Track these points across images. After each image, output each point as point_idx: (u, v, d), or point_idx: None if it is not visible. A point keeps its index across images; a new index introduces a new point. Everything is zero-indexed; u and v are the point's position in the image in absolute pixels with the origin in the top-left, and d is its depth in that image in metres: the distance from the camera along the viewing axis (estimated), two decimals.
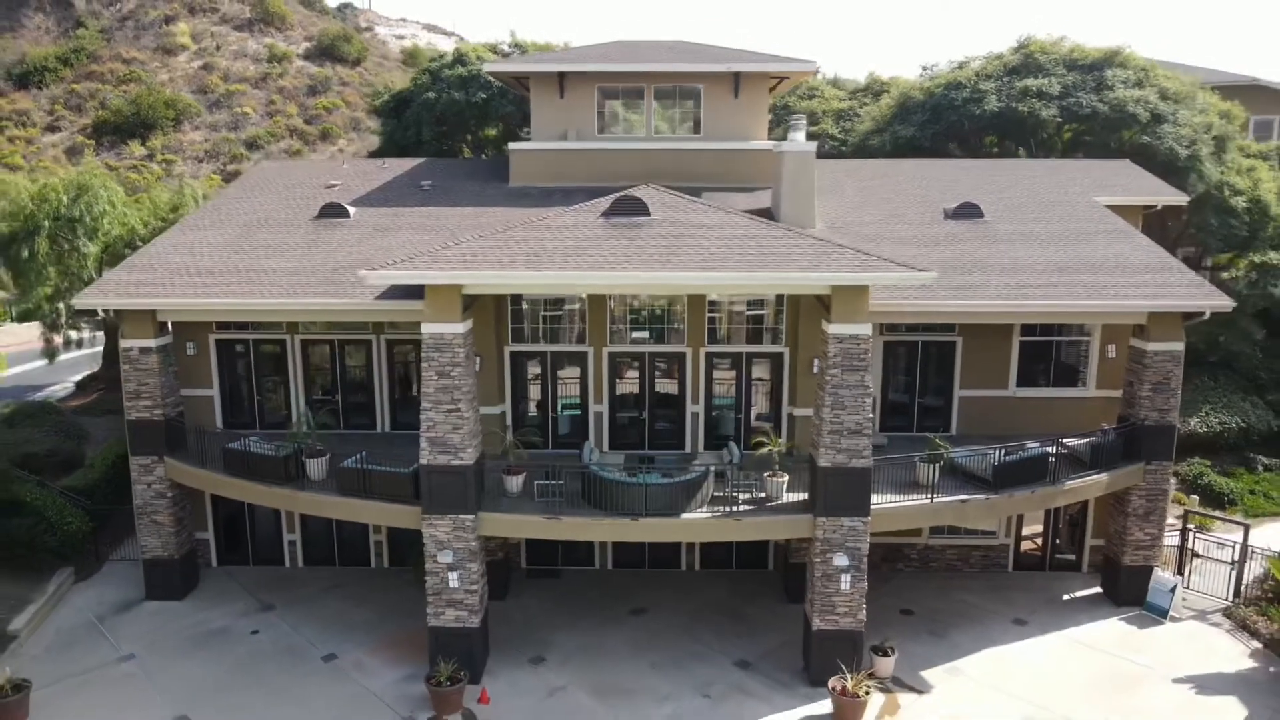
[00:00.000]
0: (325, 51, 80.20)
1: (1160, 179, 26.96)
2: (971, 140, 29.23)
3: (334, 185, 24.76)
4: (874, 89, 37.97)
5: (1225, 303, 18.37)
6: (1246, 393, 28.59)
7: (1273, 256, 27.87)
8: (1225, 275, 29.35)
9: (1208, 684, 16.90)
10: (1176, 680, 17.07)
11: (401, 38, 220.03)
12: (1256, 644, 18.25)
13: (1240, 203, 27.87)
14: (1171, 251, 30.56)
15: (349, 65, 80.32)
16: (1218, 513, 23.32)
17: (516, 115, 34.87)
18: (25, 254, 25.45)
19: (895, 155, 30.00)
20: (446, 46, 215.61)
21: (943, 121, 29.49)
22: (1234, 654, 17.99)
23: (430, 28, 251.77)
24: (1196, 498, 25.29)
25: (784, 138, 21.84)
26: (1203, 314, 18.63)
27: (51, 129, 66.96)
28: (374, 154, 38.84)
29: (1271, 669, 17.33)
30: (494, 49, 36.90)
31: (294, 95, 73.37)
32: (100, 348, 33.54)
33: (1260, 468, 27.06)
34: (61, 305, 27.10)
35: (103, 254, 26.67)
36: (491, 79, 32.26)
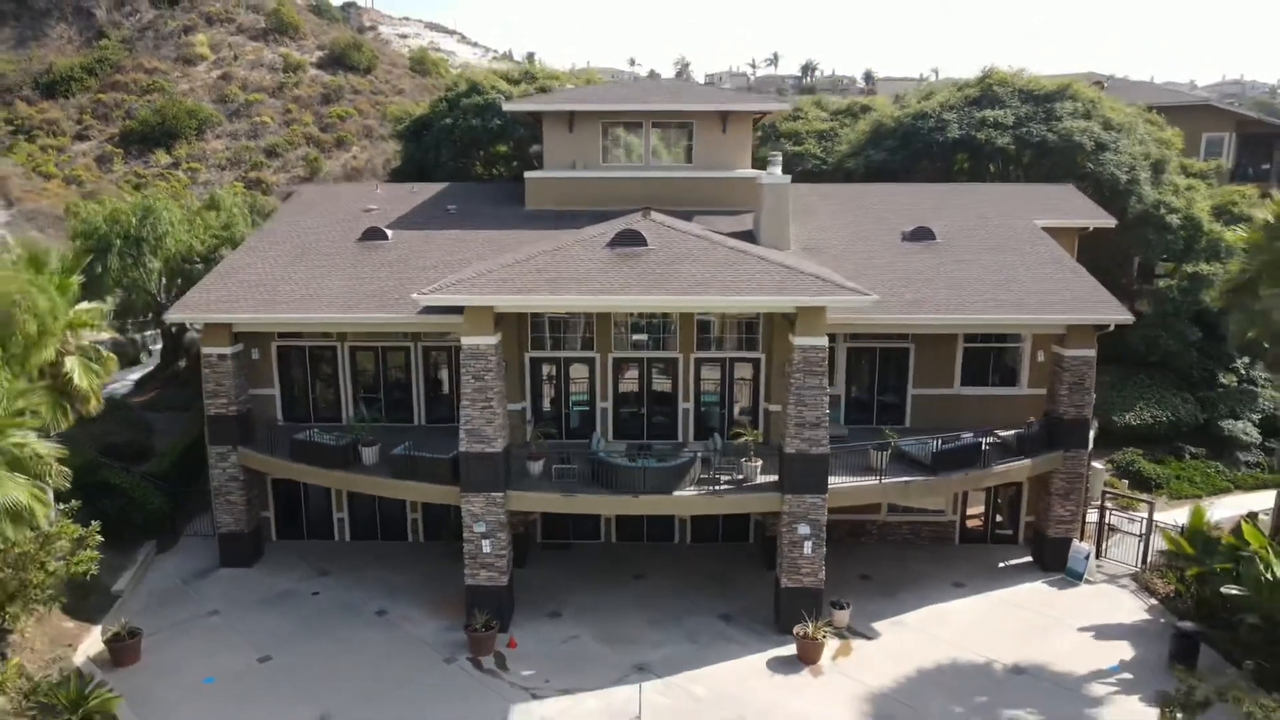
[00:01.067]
0: (337, 60, 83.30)
1: (1103, 201, 30.64)
2: (938, 162, 32.73)
3: (371, 209, 28.28)
4: (854, 110, 41.38)
5: (1126, 317, 21.99)
6: (1179, 389, 32.12)
7: (1203, 268, 31.44)
8: (1161, 283, 32.87)
9: (1106, 632, 20.53)
10: (1081, 629, 20.72)
11: (405, 37, 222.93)
12: (1154, 601, 21.88)
13: (1175, 220, 31.39)
14: (1127, 261, 34.21)
15: (360, 73, 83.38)
16: (1133, 493, 26.98)
17: (527, 136, 38.32)
18: (99, 269, 28.97)
19: (869, 176, 33.55)
20: (449, 46, 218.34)
21: (911, 147, 33.04)
22: (1133, 609, 21.64)
23: (432, 26, 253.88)
24: (1126, 482, 28.95)
25: (764, 167, 25.43)
26: (1108, 326, 22.22)
27: (81, 137, 70.29)
28: (395, 171, 42.24)
29: (1161, 620, 20.94)
30: (506, 77, 40.26)
31: (309, 104, 76.59)
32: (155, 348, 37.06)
33: (1187, 456, 30.69)
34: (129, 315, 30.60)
35: (164, 269, 30.21)
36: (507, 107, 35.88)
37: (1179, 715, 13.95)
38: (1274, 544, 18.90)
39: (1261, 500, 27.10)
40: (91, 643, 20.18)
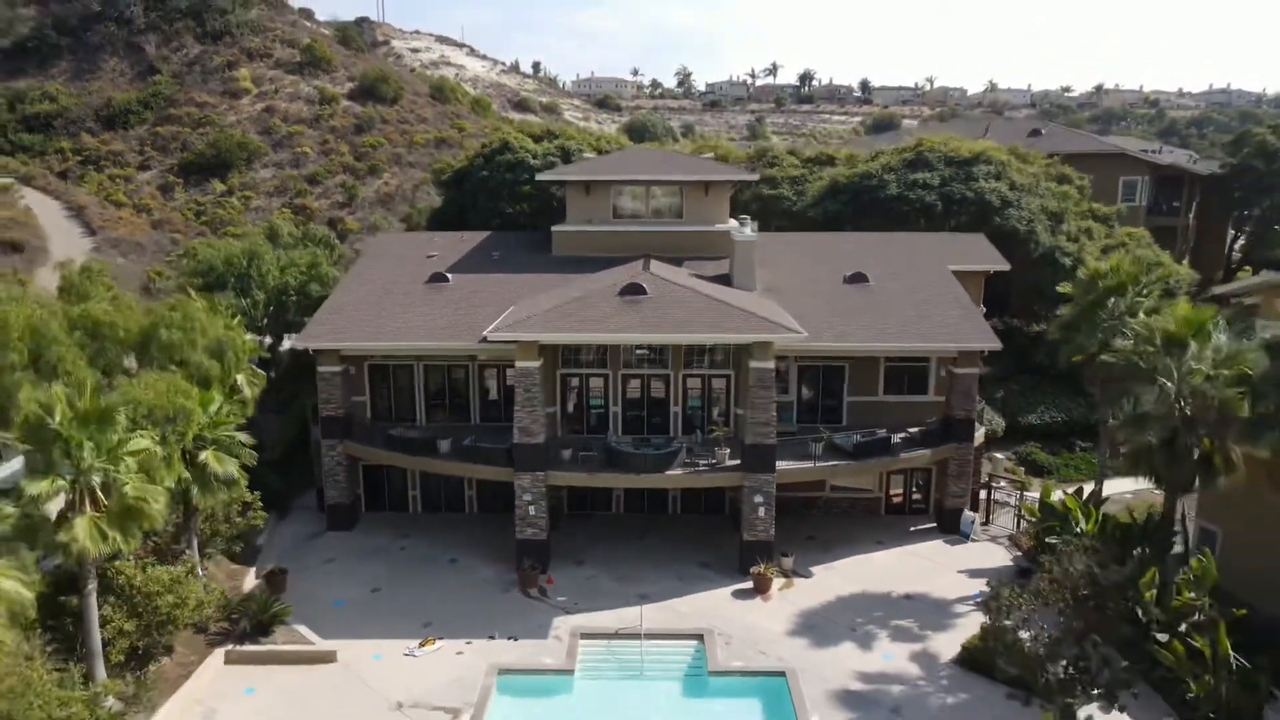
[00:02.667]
0: (367, 92, 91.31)
1: (1011, 246, 38.61)
2: (880, 214, 40.67)
3: (432, 256, 36.29)
4: (821, 160, 49.29)
5: (995, 345, 30.02)
6: (1075, 395, 40.04)
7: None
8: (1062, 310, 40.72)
9: (978, 573, 28.45)
10: (959, 571, 28.72)
11: (416, 51, 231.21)
12: (1018, 553, 29.84)
13: (1067, 261, 39.31)
14: (1038, 291, 41.93)
15: (388, 104, 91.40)
16: (1023, 477, 34.98)
17: (548, 184, 46.26)
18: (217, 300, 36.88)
19: (826, 224, 41.56)
20: (459, 59, 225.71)
21: (859, 201, 41.04)
22: (1002, 558, 29.63)
23: (442, 40, 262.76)
24: (1023, 469, 36.94)
25: (741, 222, 33.40)
26: (983, 351, 30.26)
27: (143, 167, 78.39)
28: (438, 212, 50.00)
29: (1021, 567, 28.87)
30: (535, 138, 47.97)
31: (343, 134, 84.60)
32: None
33: (1077, 449, 38.63)
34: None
35: (267, 300, 38.18)
36: (533, 162, 44.01)
37: (990, 610, 21.87)
38: (1088, 508, 26.85)
39: (1125, 483, 35.06)
40: (249, 580, 28.23)
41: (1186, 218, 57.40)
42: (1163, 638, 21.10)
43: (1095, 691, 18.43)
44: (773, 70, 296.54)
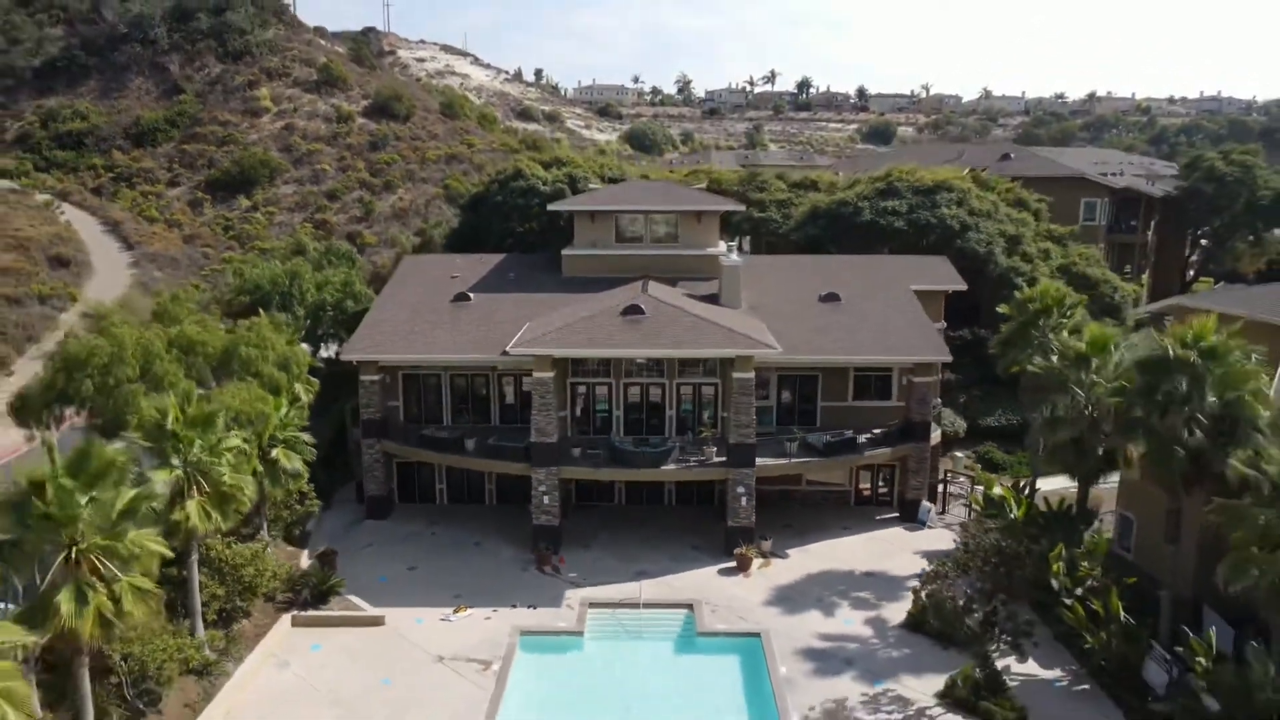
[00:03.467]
0: (381, 110, 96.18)
1: (972, 267, 43.23)
2: (854, 237, 45.32)
3: (455, 276, 40.91)
4: (805, 184, 53.93)
5: (946, 358, 34.63)
6: None
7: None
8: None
9: (930, 555, 32.97)
10: (914, 553, 33.33)
11: (422, 60, 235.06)
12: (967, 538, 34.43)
13: (1022, 280, 43.89)
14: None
15: (400, 121, 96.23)
16: (981, 473, 39.55)
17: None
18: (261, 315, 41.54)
19: (807, 246, 46.23)
20: (464, 68, 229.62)
21: (836, 226, 45.70)
22: (950, 543, 34.19)
23: (447, 49, 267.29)
24: (980, 465, 41.54)
25: (729, 248, 38.07)
26: (936, 362, 34.92)
27: (172, 184, 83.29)
28: (454, 231, 54.65)
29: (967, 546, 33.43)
30: (544, 164, 52.62)
31: (359, 151, 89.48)
32: None
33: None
34: None
35: (305, 315, 42.83)
36: (542, 189, 48.73)
37: (923, 579, 26.55)
38: (1020, 498, 31.45)
39: (1064, 480, 39.60)
40: (304, 560, 32.84)
41: (1145, 234, 62.08)
42: (1069, 602, 25.70)
43: (1003, 639, 23.07)
44: (771, 78, 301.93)
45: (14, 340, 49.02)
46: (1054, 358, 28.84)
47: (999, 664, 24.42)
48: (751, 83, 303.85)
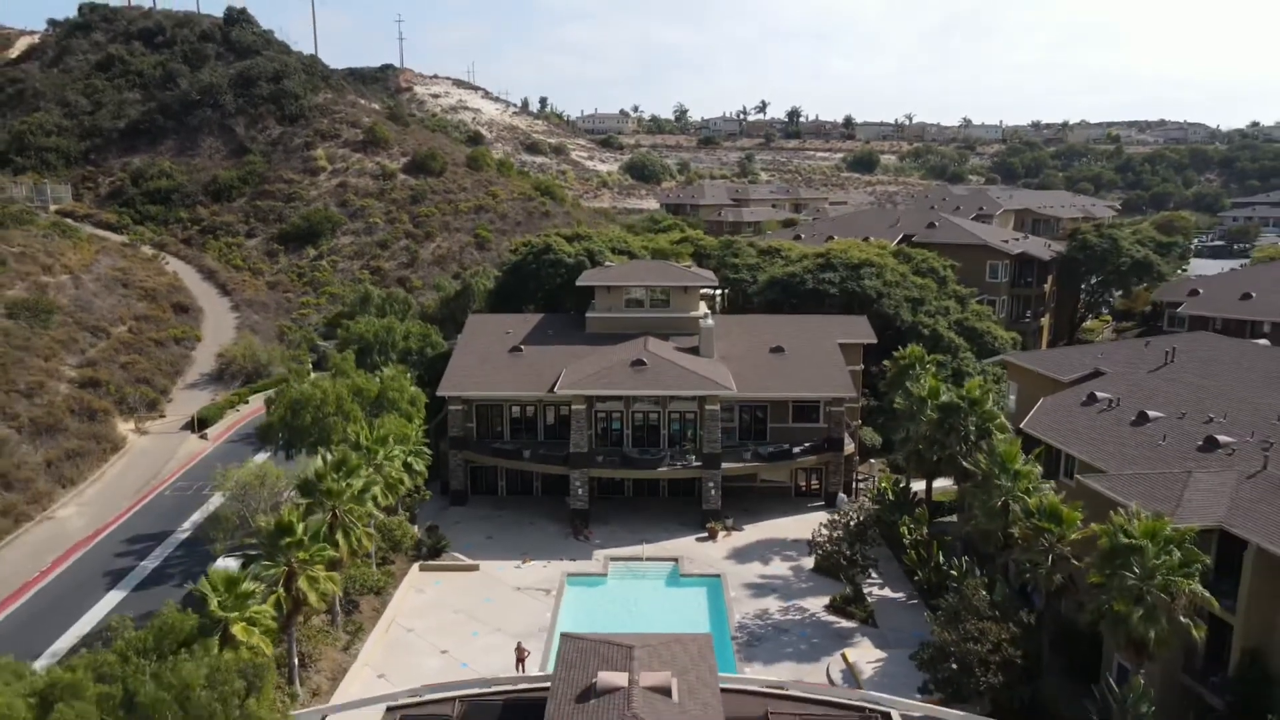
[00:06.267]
0: (419, 166, 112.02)
1: (886, 322, 59.09)
2: (801, 301, 61.04)
3: (509, 332, 56.71)
4: (770, 251, 69.78)
5: (854, 394, 50.42)
6: None
7: (941, 358, 59.77)
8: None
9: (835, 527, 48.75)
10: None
11: (436, 96, 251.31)
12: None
13: (926, 331, 59.68)
14: None
15: (435, 176, 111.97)
16: (879, 472, 55.43)
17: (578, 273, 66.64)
18: (368, 361, 57.21)
19: (767, 306, 62.09)
20: (475, 103, 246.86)
21: (789, 292, 61.54)
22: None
23: (460, 84, 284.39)
24: (889, 469, 57.28)
25: (705, 314, 53.89)
26: (846, 398, 50.80)
27: (249, 235, 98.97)
28: (493, 292, 70.36)
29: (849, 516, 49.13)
30: (568, 239, 68.45)
31: (403, 204, 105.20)
32: None
33: None
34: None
35: (396, 359, 58.47)
36: (568, 261, 64.68)
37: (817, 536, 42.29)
38: (896, 489, 47.15)
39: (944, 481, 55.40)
40: (417, 530, 48.46)
41: (1043, 287, 78.04)
42: (909, 550, 41.47)
43: (863, 569, 38.86)
44: (763, 107, 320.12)
45: (169, 374, 64.75)
46: (910, 397, 44.64)
47: (865, 589, 40.21)
48: (744, 112, 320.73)
